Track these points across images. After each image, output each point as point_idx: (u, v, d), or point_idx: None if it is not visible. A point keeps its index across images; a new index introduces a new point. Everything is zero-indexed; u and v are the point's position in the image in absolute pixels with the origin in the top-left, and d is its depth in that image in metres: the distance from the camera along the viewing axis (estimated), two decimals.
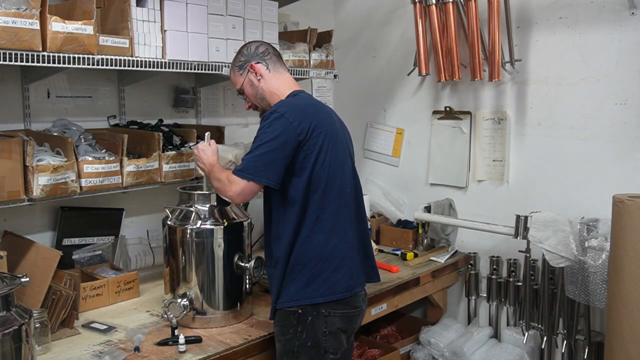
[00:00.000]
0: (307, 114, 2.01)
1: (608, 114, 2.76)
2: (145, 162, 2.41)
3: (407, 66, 3.38)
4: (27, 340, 1.64)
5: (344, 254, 2.05)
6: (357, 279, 2.11)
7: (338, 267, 2.02)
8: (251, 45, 2.18)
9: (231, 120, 3.19)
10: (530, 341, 2.91)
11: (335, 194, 2.04)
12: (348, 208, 2.10)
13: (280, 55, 2.21)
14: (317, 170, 1.99)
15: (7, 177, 1.99)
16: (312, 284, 2.00)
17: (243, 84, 2.16)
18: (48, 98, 2.51)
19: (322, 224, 2.01)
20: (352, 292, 2.06)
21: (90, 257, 2.61)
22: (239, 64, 2.16)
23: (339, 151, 2.10)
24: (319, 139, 1.99)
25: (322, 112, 2.11)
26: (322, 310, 2.00)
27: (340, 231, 2.05)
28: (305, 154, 1.97)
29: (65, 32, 2.00)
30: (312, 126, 1.98)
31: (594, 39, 2.78)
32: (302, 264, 2.01)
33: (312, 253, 2.00)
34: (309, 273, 2.00)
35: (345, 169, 2.11)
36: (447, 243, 3.36)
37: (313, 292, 2.00)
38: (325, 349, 2.01)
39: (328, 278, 2.01)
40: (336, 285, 2.02)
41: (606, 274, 2.38)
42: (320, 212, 2.00)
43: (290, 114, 1.96)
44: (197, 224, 2.21)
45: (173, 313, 2.17)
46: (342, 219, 2.06)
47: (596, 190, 2.77)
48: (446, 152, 3.34)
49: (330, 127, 2.08)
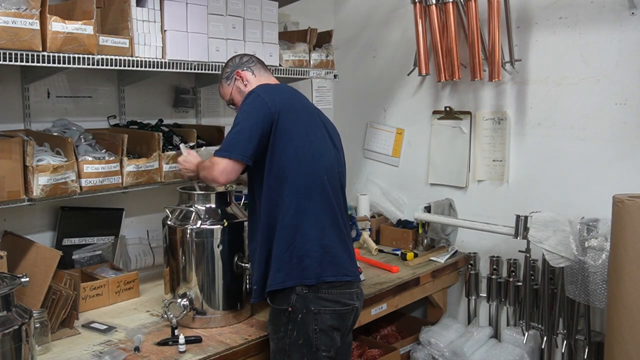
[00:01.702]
0: (280, 95, 2.07)
1: (608, 114, 2.76)
2: (145, 162, 2.41)
3: (407, 66, 3.38)
4: (27, 340, 1.64)
5: (313, 240, 2.01)
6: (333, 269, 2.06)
7: (307, 254, 2.00)
8: (235, 57, 2.27)
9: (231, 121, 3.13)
10: (530, 341, 2.91)
11: (305, 181, 2.02)
12: (321, 197, 2.05)
13: (263, 62, 2.29)
14: (287, 153, 2.00)
15: (7, 177, 1.99)
16: (287, 269, 2.00)
17: (232, 93, 2.23)
18: (48, 98, 2.52)
19: (291, 209, 2.00)
20: (318, 280, 2.01)
21: (90, 257, 2.61)
22: (226, 75, 2.24)
23: (318, 139, 2.09)
24: (290, 122, 2.01)
25: (296, 98, 2.15)
26: (311, 307, 2.00)
27: (312, 217, 2.03)
28: (277, 135, 1.99)
29: (65, 32, 2.00)
30: (283, 107, 2.01)
31: (594, 39, 2.78)
32: (277, 249, 2.01)
33: (284, 238, 2.00)
34: (282, 258, 2.00)
35: (323, 158, 2.09)
36: (447, 243, 3.35)
37: (290, 276, 2.00)
38: (317, 346, 2.01)
39: (300, 264, 2.00)
40: (305, 271, 2.00)
41: (606, 274, 2.38)
42: (289, 197, 2.00)
43: (264, 93, 2.04)
44: (197, 224, 2.21)
45: (173, 313, 2.17)
46: (312, 206, 2.03)
47: (596, 190, 2.77)
48: (446, 152, 3.34)
49: (305, 113, 2.10)
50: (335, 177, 2.14)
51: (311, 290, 2.01)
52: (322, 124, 2.17)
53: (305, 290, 2.00)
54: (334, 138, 2.21)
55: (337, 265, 2.05)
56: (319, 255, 2.02)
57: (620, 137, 2.73)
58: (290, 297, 2.01)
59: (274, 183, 2.02)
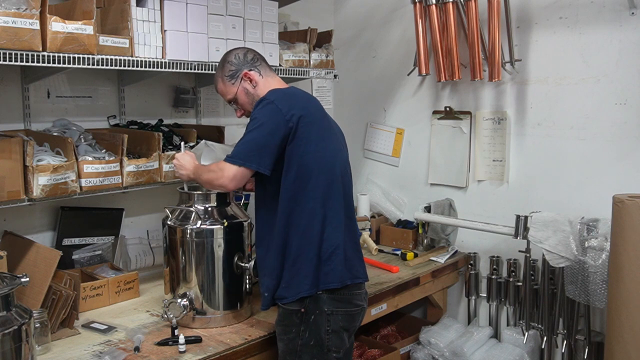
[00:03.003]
0: (297, 102, 2.03)
1: (608, 114, 2.76)
2: (145, 162, 2.40)
3: (407, 66, 3.38)
4: (27, 340, 1.64)
5: (337, 243, 2.03)
6: (349, 272, 2.07)
7: (330, 258, 2.01)
8: (238, 52, 2.18)
9: (231, 120, 3.19)
10: (530, 341, 2.91)
11: (326, 185, 2.02)
12: (338, 201, 2.08)
13: (264, 58, 2.24)
14: (307, 158, 1.99)
15: (7, 177, 1.99)
16: (310, 274, 1.99)
17: (237, 94, 2.17)
18: (48, 98, 2.51)
19: (313, 213, 2.00)
20: (343, 284, 2.03)
21: (90, 257, 2.60)
22: (230, 73, 2.16)
23: (332, 143, 2.09)
24: (308, 127, 1.99)
25: (312, 102, 2.13)
26: (325, 308, 2.00)
27: (334, 221, 2.04)
28: (296, 142, 1.97)
29: (65, 32, 2.00)
30: (302, 114, 1.98)
31: (594, 39, 2.78)
32: (296, 254, 2.01)
33: (306, 243, 2.00)
34: (304, 263, 2.00)
35: (337, 161, 2.10)
36: (447, 243, 3.35)
37: (314, 282, 1.99)
38: (329, 347, 2.02)
39: (324, 268, 2.00)
40: (329, 275, 2.01)
41: (606, 274, 2.38)
42: (312, 202, 2.00)
43: (280, 101, 1.98)
44: (197, 224, 2.21)
45: (173, 313, 2.17)
46: (333, 209, 2.04)
47: (596, 190, 2.77)
48: (446, 152, 3.34)
49: (320, 118, 2.09)
50: (347, 178, 2.17)
51: (326, 292, 2.02)
52: (332, 126, 2.18)
53: (320, 292, 2.01)
54: (341, 139, 2.22)
55: (351, 268, 2.07)
56: (342, 259, 2.03)
57: (620, 137, 2.73)
58: (304, 298, 2.01)
59: (295, 188, 2.00)
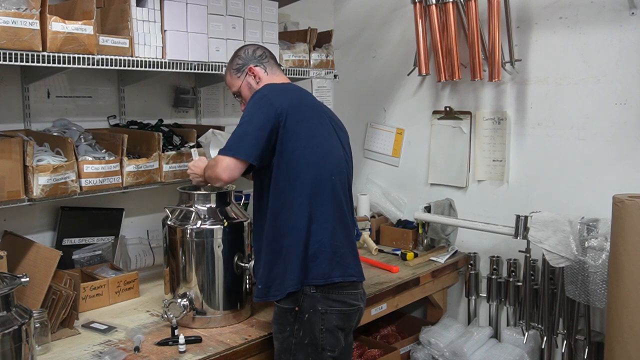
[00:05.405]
0: (287, 96, 2.04)
1: (608, 114, 2.76)
2: (145, 162, 2.40)
3: (407, 66, 3.38)
4: (27, 340, 1.64)
5: (323, 240, 2.02)
6: (340, 270, 2.06)
7: (316, 254, 2.01)
8: (248, 48, 2.22)
9: (231, 120, 3.19)
10: (530, 341, 2.91)
11: (314, 181, 2.02)
12: (328, 198, 2.06)
13: (275, 57, 2.25)
14: (296, 154, 1.99)
15: (7, 177, 1.99)
16: (296, 270, 1.99)
17: (241, 87, 2.20)
18: (48, 98, 2.52)
19: (301, 209, 2.00)
20: (328, 280, 2.01)
21: (90, 257, 2.60)
22: (237, 66, 2.20)
23: (325, 140, 2.09)
24: (298, 123, 2.00)
25: (305, 99, 2.14)
26: (319, 307, 2.01)
27: (322, 218, 2.03)
28: (286, 137, 1.98)
29: (65, 32, 2.00)
30: (291, 109, 1.99)
31: (594, 39, 2.78)
32: (286, 250, 2.01)
33: (294, 239, 2.00)
34: (292, 259, 2.00)
35: (330, 158, 2.08)
36: (447, 243, 3.35)
37: (299, 277, 1.99)
38: (323, 346, 2.02)
39: (309, 264, 2.00)
40: (313, 270, 2.00)
41: (606, 274, 2.38)
42: (299, 198, 2.00)
43: (272, 94, 2.01)
44: (197, 224, 2.21)
45: (173, 313, 2.17)
46: (322, 207, 2.03)
47: (596, 190, 2.77)
48: (446, 152, 3.34)
49: (313, 115, 2.09)
50: (343, 176, 2.14)
51: (319, 290, 2.01)
52: (330, 123, 2.17)
53: (312, 290, 2.01)
54: (341, 137, 2.21)
55: (343, 266, 2.06)
56: (329, 256, 2.02)
57: (620, 137, 2.73)
58: (297, 296, 2.01)
59: (283, 184, 2.01)
